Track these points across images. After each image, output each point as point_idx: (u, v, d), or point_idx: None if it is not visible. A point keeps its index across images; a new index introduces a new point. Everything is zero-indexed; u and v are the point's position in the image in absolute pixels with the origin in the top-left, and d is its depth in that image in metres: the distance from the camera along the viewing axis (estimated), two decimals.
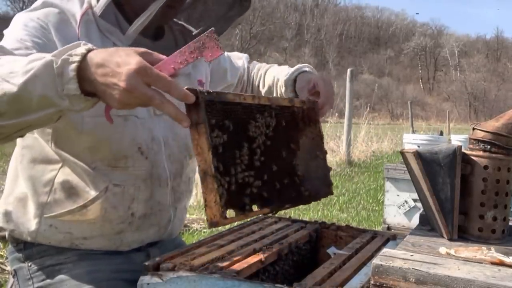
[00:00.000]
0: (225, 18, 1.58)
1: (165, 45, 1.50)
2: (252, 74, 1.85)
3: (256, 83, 1.83)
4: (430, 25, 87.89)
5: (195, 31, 1.61)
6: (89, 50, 1.02)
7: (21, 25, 1.29)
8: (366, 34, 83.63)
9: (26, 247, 1.43)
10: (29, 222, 1.40)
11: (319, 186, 1.42)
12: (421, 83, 75.21)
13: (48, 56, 1.03)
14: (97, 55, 1.01)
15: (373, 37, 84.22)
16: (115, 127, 1.34)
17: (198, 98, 1.08)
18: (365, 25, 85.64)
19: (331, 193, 1.48)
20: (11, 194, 1.44)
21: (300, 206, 1.71)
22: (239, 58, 1.86)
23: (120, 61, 0.99)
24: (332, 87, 1.55)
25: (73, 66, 1.00)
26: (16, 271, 1.44)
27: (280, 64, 1.88)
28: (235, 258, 1.20)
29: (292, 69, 1.68)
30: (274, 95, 1.72)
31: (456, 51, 78.14)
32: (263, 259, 1.24)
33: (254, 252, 1.27)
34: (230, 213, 1.11)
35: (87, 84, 1.02)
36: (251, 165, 1.20)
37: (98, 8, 1.36)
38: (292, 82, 1.64)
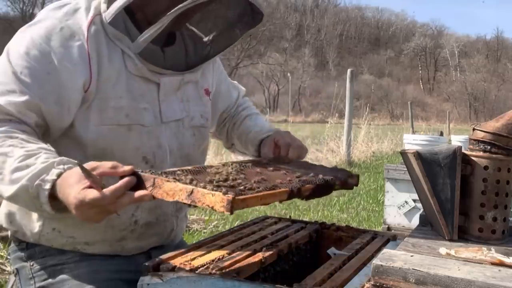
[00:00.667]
0: (234, 27, 1.55)
1: (175, 51, 1.49)
2: (238, 110, 1.82)
3: (233, 122, 1.80)
4: (430, 26, 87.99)
5: (205, 38, 1.58)
6: (59, 175, 1.14)
7: (23, 52, 1.28)
8: (366, 35, 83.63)
9: (28, 247, 1.43)
10: (32, 224, 1.39)
11: (335, 174, 1.41)
12: (421, 83, 75.20)
13: (24, 179, 1.16)
14: (58, 184, 1.14)
15: (373, 38, 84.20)
16: (118, 136, 1.35)
17: (135, 173, 1.12)
18: (365, 25, 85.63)
19: (354, 174, 1.47)
20: None
21: (300, 207, 1.72)
22: (235, 89, 1.83)
23: (66, 194, 1.11)
24: (289, 135, 1.60)
25: (46, 193, 1.14)
26: (18, 270, 1.44)
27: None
28: (235, 259, 1.20)
29: (263, 130, 1.69)
30: (243, 144, 1.74)
31: (456, 52, 78.15)
32: (263, 260, 1.24)
33: (255, 252, 1.27)
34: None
35: (56, 202, 1.16)
36: (233, 178, 1.19)
37: (108, 14, 1.34)
38: (259, 142, 1.66)
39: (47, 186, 1.14)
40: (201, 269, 1.11)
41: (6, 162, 1.18)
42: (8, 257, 3.42)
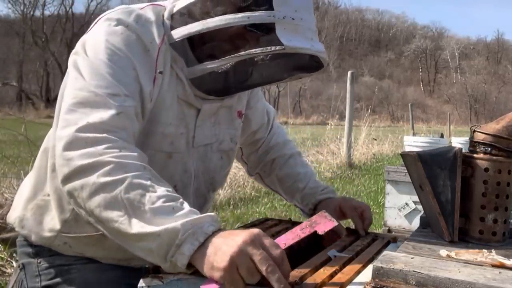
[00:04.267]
0: (287, 69, 1.44)
1: (216, 75, 1.42)
2: (273, 140, 1.75)
3: (272, 158, 1.73)
4: (431, 28, 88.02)
5: None
6: (214, 232, 1.01)
7: (106, 59, 1.19)
8: (366, 37, 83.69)
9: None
10: (44, 233, 1.37)
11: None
12: (421, 85, 75.24)
13: (177, 222, 1.01)
14: (218, 239, 1.00)
15: (374, 40, 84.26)
16: (155, 163, 1.26)
17: None
18: (366, 27, 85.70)
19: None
20: (32, 200, 1.40)
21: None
22: (269, 109, 1.77)
23: (236, 233, 0.99)
24: (355, 201, 1.66)
25: (194, 247, 0.99)
26: (25, 265, 1.42)
27: None
28: None
29: (319, 187, 1.67)
30: (287, 190, 1.72)
31: (456, 54, 78.19)
32: None
33: None
34: None
35: (195, 258, 1.00)
36: None
37: (177, 35, 1.27)
38: (317, 201, 1.66)
39: (201, 239, 1.00)
40: None
41: (145, 195, 1.04)
42: (9, 259, 3.43)
